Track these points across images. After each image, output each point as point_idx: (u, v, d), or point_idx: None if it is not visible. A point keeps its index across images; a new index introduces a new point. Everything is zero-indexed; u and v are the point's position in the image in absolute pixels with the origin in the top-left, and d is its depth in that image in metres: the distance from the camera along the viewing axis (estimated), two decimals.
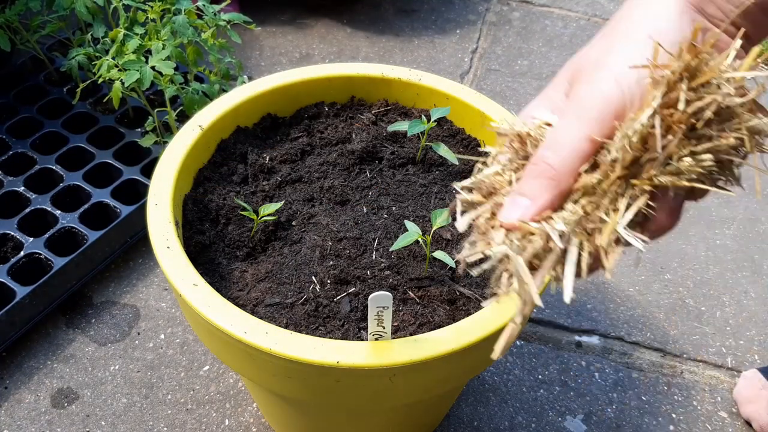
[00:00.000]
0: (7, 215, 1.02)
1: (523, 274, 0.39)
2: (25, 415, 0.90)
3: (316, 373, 0.56)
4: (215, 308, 0.57)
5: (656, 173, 0.38)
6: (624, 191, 0.39)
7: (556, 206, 0.40)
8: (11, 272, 0.95)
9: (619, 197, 0.39)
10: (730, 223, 1.22)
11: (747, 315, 1.07)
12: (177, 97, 1.18)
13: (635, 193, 0.38)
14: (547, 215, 0.40)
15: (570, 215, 0.39)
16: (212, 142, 0.77)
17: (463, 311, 0.64)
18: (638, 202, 0.38)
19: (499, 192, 0.43)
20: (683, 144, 0.37)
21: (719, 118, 0.38)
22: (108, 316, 1.02)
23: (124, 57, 0.99)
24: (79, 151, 1.13)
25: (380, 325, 0.55)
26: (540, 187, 0.40)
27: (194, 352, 0.98)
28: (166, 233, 0.63)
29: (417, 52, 1.57)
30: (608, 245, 0.38)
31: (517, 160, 0.44)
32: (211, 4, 1.10)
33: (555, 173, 0.39)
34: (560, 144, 0.40)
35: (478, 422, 0.92)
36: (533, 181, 0.40)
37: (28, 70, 1.28)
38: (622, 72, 0.38)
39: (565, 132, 0.40)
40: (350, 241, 0.69)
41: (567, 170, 0.39)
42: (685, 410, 0.95)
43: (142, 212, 1.04)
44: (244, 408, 0.92)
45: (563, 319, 1.05)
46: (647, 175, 0.38)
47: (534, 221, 0.40)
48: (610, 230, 0.38)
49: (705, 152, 0.37)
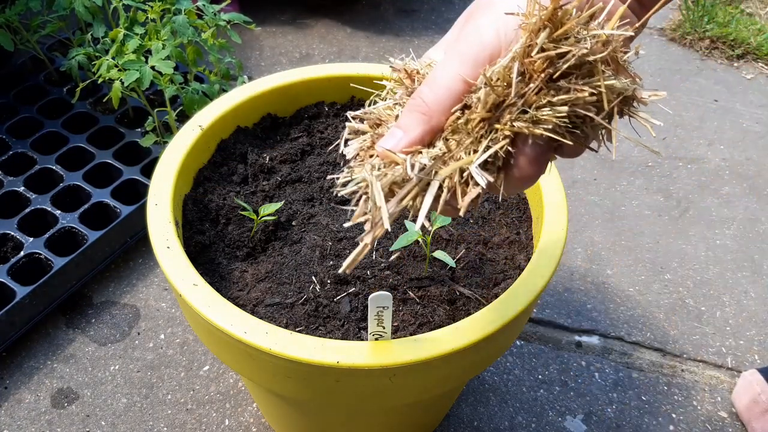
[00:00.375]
0: (7, 215, 1.02)
1: (377, 197, 0.41)
2: (25, 415, 0.90)
3: (316, 373, 0.56)
4: (215, 308, 0.57)
5: (514, 118, 0.39)
6: (487, 134, 0.40)
7: (427, 141, 0.42)
8: (11, 272, 0.95)
9: (483, 139, 0.40)
10: (730, 223, 1.22)
11: (747, 315, 1.07)
12: (177, 97, 1.18)
13: (497, 137, 0.40)
14: (417, 149, 0.42)
15: (437, 151, 0.41)
16: (212, 142, 0.77)
17: (463, 311, 0.64)
18: (497, 146, 0.40)
19: (385, 124, 0.46)
20: (543, 94, 0.39)
21: (580, 73, 0.39)
22: (108, 316, 1.02)
23: (124, 57, 0.99)
24: (79, 151, 1.13)
25: (380, 325, 0.55)
26: (413, 121, 0.42)
27: (194, 352, 0.98)
28: (166, 233, 0.63)
29: (417, 52, 1.57)
30: (461, 182, 0.40)
31: (405, 96, 0.46)
32: (211, 4, 1.10)
33: (428, 109, 0.41)
34: (436, 82, 0.41)
35: (478, 422, 0.92)
36: (409, 114, 0.42)
37: (28, 70, 1.28)
38: (503, 18, 0.40)
39: (441, 71, 0.41)
40: (350, 241, 0.69)
41: (439, 107, 0.41)
42: (685, 410, 0.95)
43: (142, 212, 1.04)
44: (244, 408, 0.92)
45: (563, 319, 1.05)
46: (507, 120, 0.40)
47: (405, 153, 0.42)
48: (461, 165, 0.40)
49: (562, 104, 0.39)
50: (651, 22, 1.71)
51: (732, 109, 1.47)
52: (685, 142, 1.38)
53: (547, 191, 0.70)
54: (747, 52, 1.61)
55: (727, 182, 1.30)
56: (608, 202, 1.24)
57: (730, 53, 1.61)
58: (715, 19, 1.66)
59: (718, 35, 1.63)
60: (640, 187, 1.28)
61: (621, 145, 1.36)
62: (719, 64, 1.59)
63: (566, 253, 1.14)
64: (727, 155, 1.36)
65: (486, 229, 0.72)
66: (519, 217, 0.73)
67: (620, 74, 0.40)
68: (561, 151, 0.42)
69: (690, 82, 1.53)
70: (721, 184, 1.29)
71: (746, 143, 1.38)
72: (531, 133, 0.39)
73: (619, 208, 1.23)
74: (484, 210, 0.74)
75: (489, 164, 0.41)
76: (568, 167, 1.31)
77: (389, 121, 0.46)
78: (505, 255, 0.69)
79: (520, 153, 0.40)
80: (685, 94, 1.50)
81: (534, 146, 0.40)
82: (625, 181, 1.29)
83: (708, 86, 1.52)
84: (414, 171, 0.41)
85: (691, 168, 1.32)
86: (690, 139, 1.39)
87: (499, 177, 0.42)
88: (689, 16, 1.67)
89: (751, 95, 1.51)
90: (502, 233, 0.71)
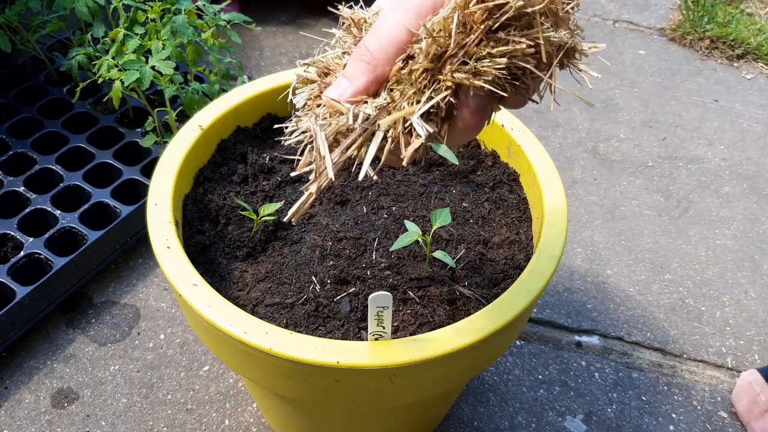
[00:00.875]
0: (7, 215, 1.02)
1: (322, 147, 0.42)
2: (25, 415, 0.90)
3: (316, 373, 0.56)
4: (215, 308, 0.57)
5: (455, 70, 0.40)
6: (430, 85, 0.41)
7: (372, 91, 0.42)
8: (11, 272, 0.95)
9: (426, 90, 0.41)
10: (730, 223, 1.22)
11: (747, 315, 1.07)
12: (177, 97, 1.18)
13: (440, 88, 0.41)
14: (362, 99, 0.42)
15: (381, 101, 0.42)
16: (212, 142, 0.77)
17: (463, 311, 0.64)
18: (438, 97, 0.41)
19: (333, 73, 0.46)
20: (483, 45, 0.40)
21: (519, 25, 0.40)
22: (108, 316, 1.02)
23: (124, 57, 0.99)
24: (79, 151, 1.13)
25: (380, 325, 0.55)
26: (358, 70, 0.42)
27: (194, 352, 0.98)
28: (166, 233, 0.63)
29: None
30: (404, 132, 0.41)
31: (353, 45, 0.46)
32: (211, 4, 1.10)
33: (372, 58, 0.42)
34: (380, 32, 0.42)
35: (478, 422, 0.92)
36: (354, 64, 0.42)
37: (28, 70, 1.28)
38: None
39: (386, 21, 0.42)
40: (350, 241, 0.69)
41: (383, 57, 0.42)
42: (685, 410, 0.95)
43: (142, 212, 1.04)
44: (244, 408, 0.92)
45: (563, 319, 1.05)
46: (448, 71, 0.40)
47: (351, 103, 0.42)
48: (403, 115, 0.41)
49: (501, 55, 0.39)
50: (651, 22, 1.71)
51: (732, 109, 1.47)
52: (685, 142, 1.38)
53: (547, 191, 0.70)
54: (747, 52, 1.61)
55: (727, 182, 1.30)
56: (608, 202, 1.24)
57: (730, 53, 1.61)
58: (715, 19, 1.66)
59: (718, 35, 1.63)
60: (640, 187, 1.28)
61: (621, 145, 1.36)
62: (719, 64, 1.59)
63: (566, 253, 1.14)
64: (727, 155, 1.36)
65: (486, 229, 0.72)
66: (519, 217, 0.73)
67: (560, 27, 0.41)
68: (504, 102, 0.43)
69: (690, 82, 1.53)
70: (721, 184, 1.29)
71: (746, 143, 1.38)
72: (471, 85, 0.40)
73: (619, 208, 1.23)
74: (484, 210, 0.74)
75: (432, 115, 0.42)
76: (568, 167, 1.31)
77: (337, 70, 0.46)
78: (505, 255, 0.69)
79: (462, 104, 0.41)
80: (685, 94, 1.50)
81: (476, 97, 0.41)
82: (625, 181, 1.29)
83: (708, 86, 1.52)
84: (358, 121, 0.41)
85: (691, 168, 1.32)
86: (690, 139, 1.39)
87: (443, 127, 0.42)
88: (689, 16, 1.67)
89: (751, 95, 1.51)
90: (502, 233, 0.71)
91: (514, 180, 0.78)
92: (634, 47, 1.63)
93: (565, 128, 1.39)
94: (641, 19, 1.72)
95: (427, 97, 0.41)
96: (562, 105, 1.44)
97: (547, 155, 0.74)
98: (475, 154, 0.81)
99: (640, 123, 1.42)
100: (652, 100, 1.48)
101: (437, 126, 0.42)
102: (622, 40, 1.65)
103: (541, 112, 1.43)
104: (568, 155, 1.33)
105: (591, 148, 1.35)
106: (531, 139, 0.76)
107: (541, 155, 0.74)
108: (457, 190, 0.75)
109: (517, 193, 0.76)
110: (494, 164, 0.80)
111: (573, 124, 1.40)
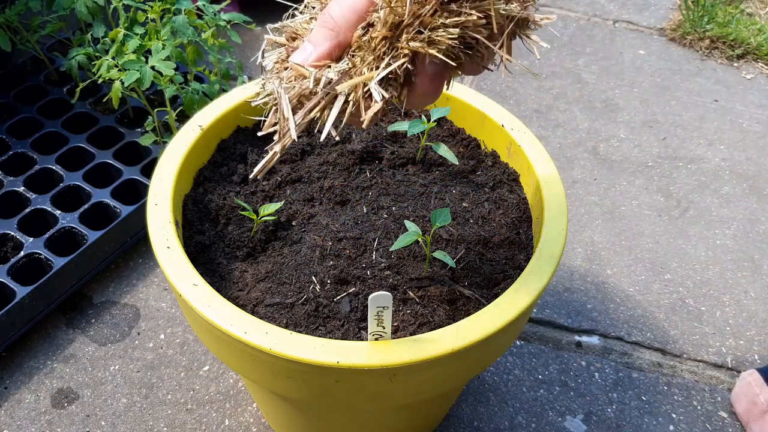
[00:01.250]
0: (7, 215, 1.02)
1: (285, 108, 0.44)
2: (25, 415, 0.90)
3: (316, 373, 0.56)
4: (215, 308, 0.57)
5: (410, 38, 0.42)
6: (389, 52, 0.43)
7: (335, 56, 0.45)
8: (11, 272, 0.95)
9: (385, 56, 0.43)
10: (730, 223, 1.22)
11: (747, 315, 1.07)
12: (177, 97, 1.18)
13: (398, 55, 0.43)
14: (326, 63, 0.45)
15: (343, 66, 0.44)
16: (212, 142, 0.77)
17: (463, 311, 0.64)
18: (395, 64, 0.43)
19: (300, 38, 0.48)
20: (437, 16, 0.42)
21: None
22: (108, 316, 1.02)
23: (124, 57, 0.99)
24: (79, 151, 1.13)
25: (380, 325, 0.55)
26: (322, 36, 0.44)
27: (194, 352, 0.98)
28: (166, 233, 0.63)
29: None
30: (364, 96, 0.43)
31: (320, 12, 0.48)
32: (211, 4, 1.10)
33: (334, 24, 0.44)
34: None
35: (478, 422, 0.92)
36: (318, 30, 0.45)
37: (28, 70, 1.28)
38: None
39: None
40: (350, 241, 0.69)
41: (345, 23, 0.44)
42: (685, 410, 0.95)
43: (142, 212, 1.04)
44: (244, 408, 0.92)
45: (563, 319, 1.05)
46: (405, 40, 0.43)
47: (315, 67, 0.44)
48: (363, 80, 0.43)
49: (454, 26, 0.42)
50: (651, 22, 1.71)
51: (732, 109, 1.47)
52: (685, 142, 1.38)
53: (547, 191, 0.70)
54: (747, 52, 1.61)
55: (727, 182, 1.30)
56: (608, 202, 1.24)
57: (730, 53, 1.61)
58: (715, 19, 1.66)
59: (718, 35, 1.63)
60: (640, 187, 1.28)
61: (621, 145, 1.36)
62: (719, 64, 1.59)
63: (566, 253, 1.14)
64: (727, 155, 1.36)
65: (486, 229, 0.72)
66: (519, 217, 0.73)
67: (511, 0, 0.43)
68: (462, 68, 0.45)
69: (690, 82, 1.53)
70: (721, 184, 1.29)
71: (746, 143, 1.39)
72: (427, 53, 0.42)
73: (618, 208, 1.23)
74: (484, 210, 0.74)
75: (391, 80, 0.44)
76: (568, 167, 1.31)
77: (305, 35, 0.48)
78: (505, 255, 0.69)
79: (419, 71, 0.44)
80: (685, 94, 1.50)
81: (432, 65, 0.43)
82: (625, 181, 1.29)
83: (708, 86, 1.52)
84: (320, 85, 0.43)
85: (691, 168, 1.32)
86: (690, 139, 1.39)
87: (403, 92, 0.45)
88: (689, 16, 1.67)
89: (751, 95, 1.51)
90: (502, 233, 0.71)
91: (514, 180, 0.78)
92: (634, 47, 1.63)
93: (565, 128, 1.39)
94: (641, 19, 1.72)
95: (386, 64, 0.43)
96: (563, 105, 1.44)
97: (547, 155, 0.74)
98: (475, 154, 0.81)
99: (640, 123, 1.42)
100: (652, 100, 1.48)
101: (396, 91, 0.44)
102: (622, 40, 1.65)
103: (541, 112, 1.43)
104: (568, 155, 1.33)
105: (591, 148, 1.35)
106: (531, 139, 0.76)
107: (541, 155, 0.74)
108: (457, 190, 0.75)
109: (517, 193, 0.76)
110: (494, 164, 0.80)
111: (573, 124, 1.40)
